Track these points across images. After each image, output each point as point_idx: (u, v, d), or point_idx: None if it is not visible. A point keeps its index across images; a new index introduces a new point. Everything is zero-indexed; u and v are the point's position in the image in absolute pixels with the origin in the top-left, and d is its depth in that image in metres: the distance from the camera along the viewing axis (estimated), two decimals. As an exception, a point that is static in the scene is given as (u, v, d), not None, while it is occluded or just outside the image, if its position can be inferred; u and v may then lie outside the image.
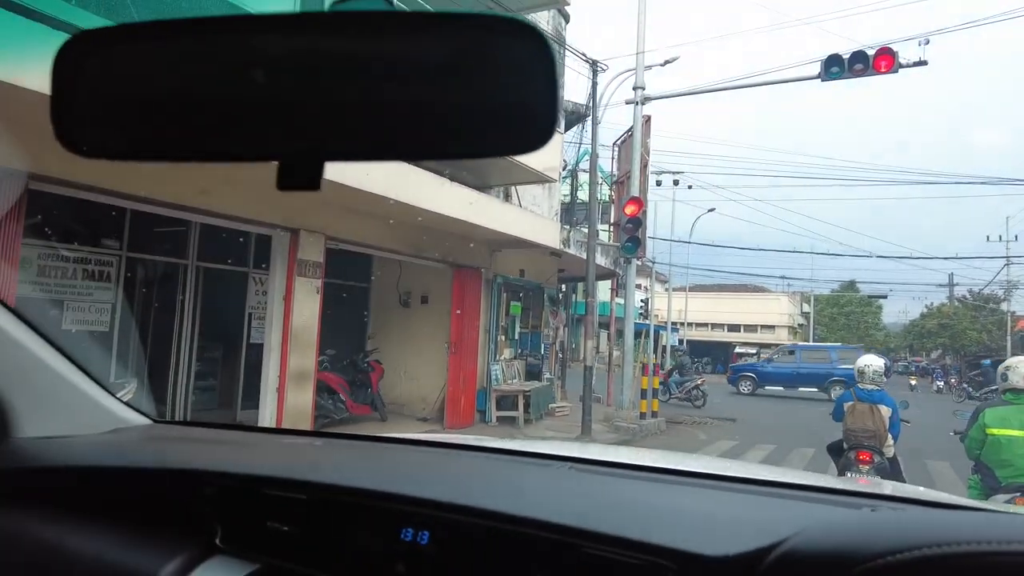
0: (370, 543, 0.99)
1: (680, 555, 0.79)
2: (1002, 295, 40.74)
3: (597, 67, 11.94)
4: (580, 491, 1.09)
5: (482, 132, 0.55)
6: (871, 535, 0.67)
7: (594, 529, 0.85)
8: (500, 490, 1.06)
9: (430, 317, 11.03)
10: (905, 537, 0.64)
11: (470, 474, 1.23)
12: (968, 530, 0.64)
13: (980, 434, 4.35)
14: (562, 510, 0.92)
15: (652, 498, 1.06)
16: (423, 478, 1.14)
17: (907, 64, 11.43)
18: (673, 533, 0.83)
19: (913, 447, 8.52)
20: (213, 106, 0.54)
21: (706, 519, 0.91)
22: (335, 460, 1.34)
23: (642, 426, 11.54)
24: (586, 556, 0.84)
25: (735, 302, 46.46)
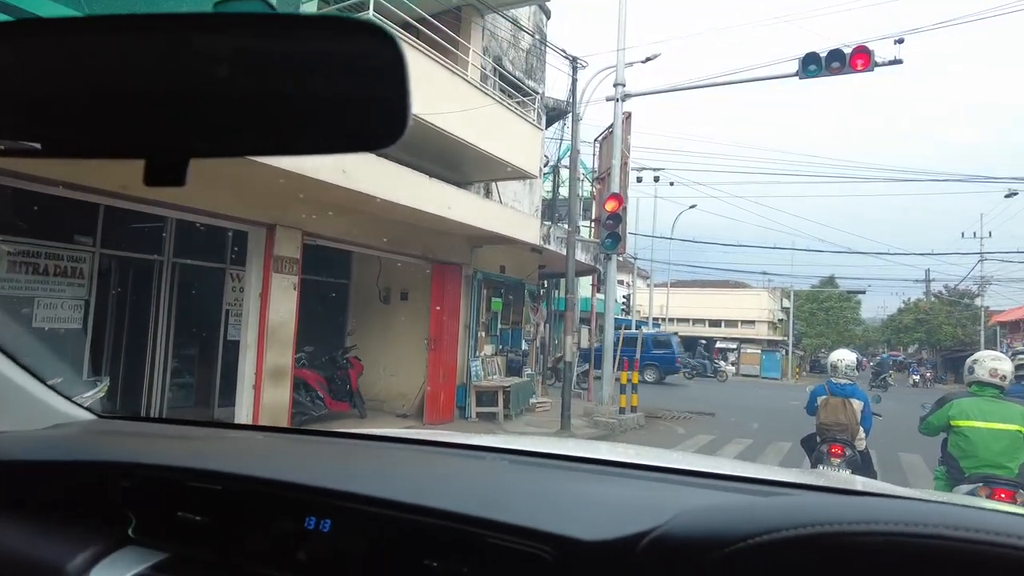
0: (276, 531, 1.02)
1: (558, 539, 0.82)
2: (976, 291, 41.44)
3: (577, 64, 11.94)
4: (490, 480, 1.13)
5: (339, 128, 0.57)
6: (744, 518, 0.68)
7: (476, 515, 0.89)
8: (404, 480, 1.09)
9: (410, 313, 11.00)
10: (774, 519, 0.65)
11: (381, 465, 1.25)
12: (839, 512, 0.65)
13: (941, 423, 4.43)
14: (456, 499, 0.96)
15: (555, 486, 1.09)
16: (332, 469, 1.17)
17: (883, 63, 11.57)
18: (557, 519, 0.86)
19: (887, 440, 8.66)
20: (81, 103, 0.55)
21: (595, 505, 0.94)
22: (256, 452, 1.36)
23: (621, 421, 11.61)
24: (479, 544, 0.88)
25: (716, 298, 46.86)
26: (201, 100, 0.54)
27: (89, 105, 0.55)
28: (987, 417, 4.24)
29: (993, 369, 4.38)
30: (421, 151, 9.88)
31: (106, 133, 0.57)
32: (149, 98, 0.54)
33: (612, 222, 12.21)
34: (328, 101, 0.55)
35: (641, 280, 39.10)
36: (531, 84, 13.61)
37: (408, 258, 10.21)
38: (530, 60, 14.04)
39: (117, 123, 0.56)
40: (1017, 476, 4.13)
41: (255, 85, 0.54)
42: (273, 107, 0.55)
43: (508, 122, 10.85)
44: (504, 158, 10.35)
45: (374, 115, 0.56)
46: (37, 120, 0.56)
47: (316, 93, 0.55)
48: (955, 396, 4.53)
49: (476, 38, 11.52)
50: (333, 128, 0.57)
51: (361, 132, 0.58)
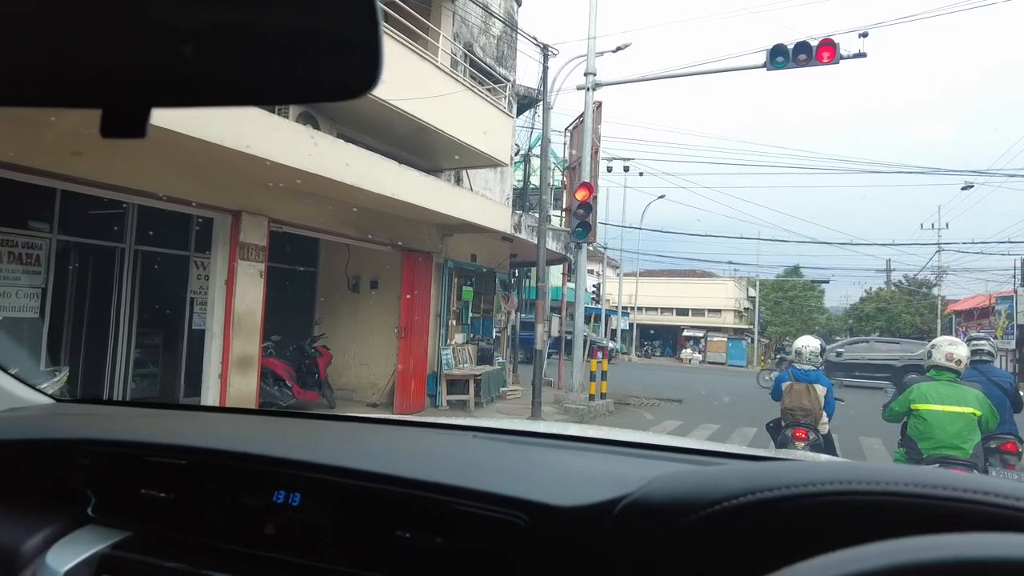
0: (244, 506, 1.01)
1: (532, 506, 0.83)
2: (934, 280, 42.67)
3: (548, 51, 11.90)
4: (459, 453, 1.13)
5: (307, 76, 0.55)
6: (712, 484, 0.70)
7: (449, 483, 0.89)
8: (374, 452, 1.08)
9: (380, 302, 10.91)
10: (746, 483, 0.67)
11: (350, 439, 1.25)
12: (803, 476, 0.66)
13: (903, 407, 4.56)
14: (427, 469, 0.95)
15: (527, 457, 1.09)
16: (301, 442, 1.15)
17: (848, 56, 11.75)
18: (530, 487, 0.87)
19: (848, 424, 8.88)
20: (31, 48, 0.52)
21: (567, 475, 0.95)
22: (222, 428, 1.34)
23: (591, 407, 11.72)
24: (452, 513, 0.88)
25: (684, 287, 47.45)
26: (160, 46, 0.51)
27: (39, 50, 0.51)
28: (944, 400, 4.38)
29: (949, 354, 4.51)
30: (390, 137, 9.77)
31: (59, 80, 0.53)
32: (103, 43, 0.51)
33: (582, 211, 12.25)
34: (294, 47, 0.53)
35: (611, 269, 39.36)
36: (502, 71, 13.53)
37: (378, 246, 10.12)
38: (501, 47, 13.95)
39: (70, 70, 0.53)
40: (971, 456, 4.27)
41: (217, 30, 0.51)
42: (236, 53, 0.52)
43: (479, 109, 10.78)
44: (475, 145, 10.30)
45: (344, 62, 0.54)
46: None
47: (281, 38, 0.52)
48: (915, 381, 4.65)
49: (446, 23, 11.40)
50: (300, 75, 0.55)
51: (330, 80, 0.56)
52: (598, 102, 14.49)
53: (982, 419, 4.34)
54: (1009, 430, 5.14)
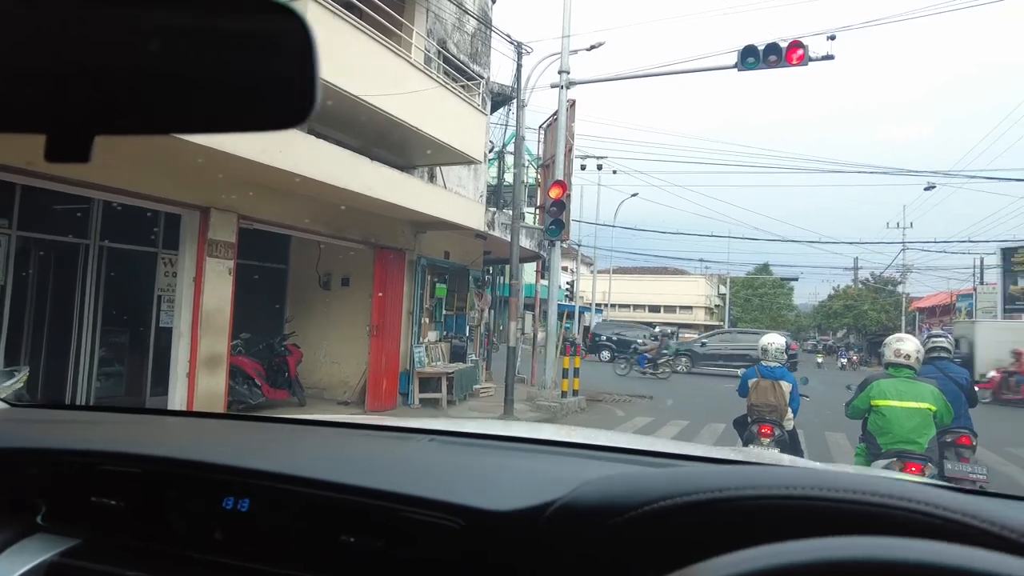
0: (193, 512, 1.02)
1: (467, 511, 0.86)
2: (899, 278, 43.70)
3: (522, 49, 11.92)
4: (407, 458, 1.16)
5: (245, 106, 0.56)
6: (641, 486, 0.72)
7: (388, 490, 0.92)
8: (320, 459, 1.10)
9: (351, 299, 10.85)
10: (668, 487, 0.69)
11: (299, 445, 1.26)
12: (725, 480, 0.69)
13: (864, 404, 4.66)
14: (370, 475, 0.98)
15: (470, 461, 1.12)
16: (250, 449, 1.17)
17: (816, 58, 11.96)
18: (467, 491, 0.90)
19: (815, 419, 9.08)
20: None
21: (505, 478, 0.98)
22: (174, 434, 1.35)
23: (563, 404, 11.79)
24: (394, 519, 0.90)
25: (656, 284, 47.94)
26: (102, 74, 0.52)
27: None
28: (902, 396, 4.49)
29: (897, 350, 4.64)
30: (363, 134, 9.70)
31: (2, 106, 0.54)
32: (47, 70, 0.52)
33: (556, 209, 12.30)
34: (234, 78, 0.54)
35: (585, 267, 39.57)
36: (476, 68, 13.51)
37: (349, 243, 10.05)
38: (475, 44, 13.93)
39: (15, 96, 0.53)
40: (927, 451, 4.40)
41: (159, 60, 0.53)
42: (176, 83, 0.54)
43: (452, 106, 10.75)
44: (448, 142, 10.27)
45: (281, 93, 0.56)
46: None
47: (221, 70, 0.54)
48: (875, 378, 4.76)
49: (420, 20, 11.35)
50: (238, 106, 0.56)
51: (267, 111, 0.57)
52: (572, 100, 14.55)
53: (937, 414, 4.44)
54: (964, 424, 5.30)
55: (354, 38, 8.54)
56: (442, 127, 10.13)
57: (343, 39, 8.34)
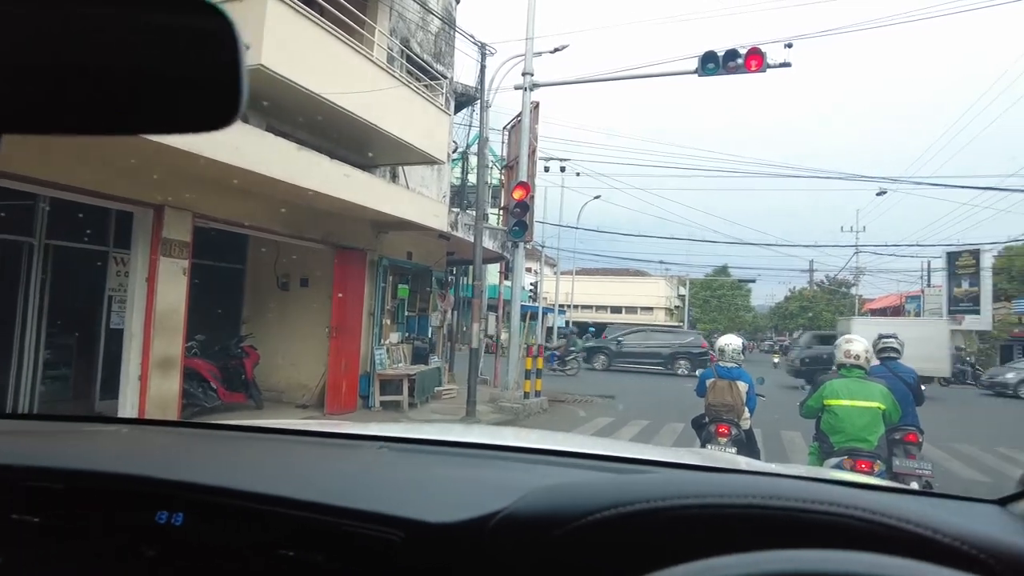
0: (124, 528, 0.99)
1: (407, 523, 0.84)
2: (852, 280, 45.01)
3: (486, 50, 11.91)
4: (351, 469, 1.13)
5: (167, 108, 0.54)
6: (584, 496, 0.71)
7: (328, 503, 0.90)
8: (260, 470, 1.07)
9: (310, 300, 10.67)
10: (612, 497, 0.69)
11: (241, 456, 1.23)
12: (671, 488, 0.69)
13: (817, 404, 4.77)
14: (309, 488, 0.95)
15: (417, 471, 1.10)
16: (186, 461, 1.14)
17: (774, 65, 12.23)
18: (409, 503, 0.88)
19: (771, 419, 9.27)
20: None
21: (451, 488, 0.96)
22: (106, 447, 1.29)
23: (525, 405, 11.81)
24: (334, 532, 0.88)
25: (618, 285, 48.45)
26: (12, 71, 0.50)
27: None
28: (853, 396, 4.63)
29: (846, 351, 4.78)
30: (324, 132, 9.57)
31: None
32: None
33: (520, 210, 12.32)
34: (155, 78, 0.52)
35: (548, 268, 39.74)
36: (439, 68, 13.45)
37: (308, 243, 9.89)
38: (439, 44, 13.87)
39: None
40: (876, 448, 4.54)
41: (75, 57, 0.50)
42: (94, 82, 0.51)
43: (415, 106, 10.68)
44: (410, 142, 10.20)
45: (205, 96, 0.54)
46: None
47: (142, 69, 0.52)
48: (828, 379, 4.88)
49: (383, 18, 11.25)
50: (159, 107, 0.54)
51: (190, 113, 0.55)
52: (536, 102, 14.59)
53: (886, 412, 4.57)
54: (911, 422, 5.48)
55: (315, 35, 8.42)
56: (405, 126, 10.06)
57: (303, 36, 8.22)
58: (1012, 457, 9.64)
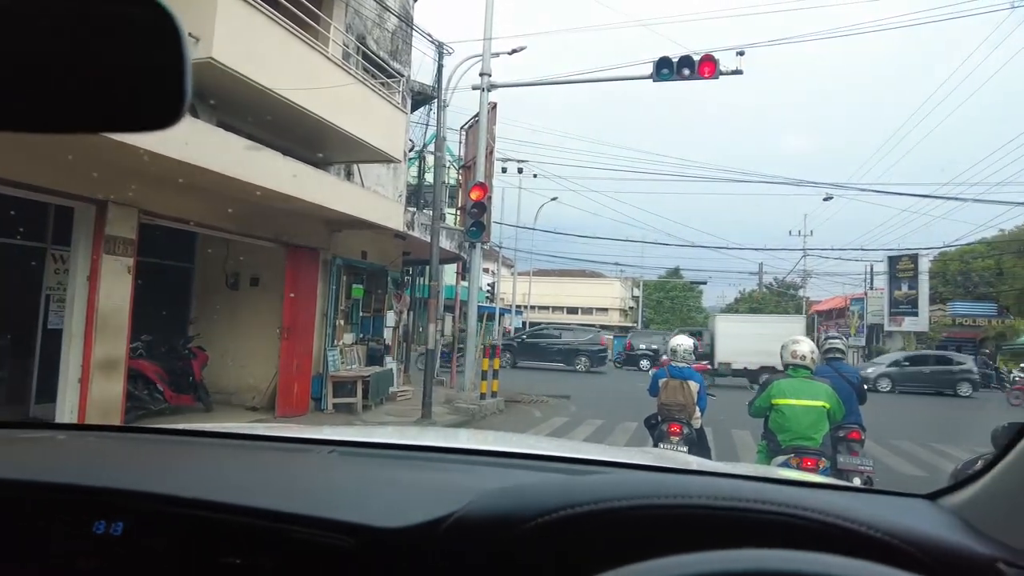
0: (58, 541, 0.94)
1: (356, 528, 0.82)
2: (800, 282, 46.39)
3: (443, 49, 11.85)
4: (300, 473, 1.11)
5: (108, 105, 0.52)
6: (529, 500, 0.71)
7: (272, 508, 0.88)
8: (203, 476, 1.04)
9: (261, 300, 10.43)
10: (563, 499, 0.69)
11: (182, 462, 1.19)
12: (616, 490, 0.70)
13: (765, 403, 4.87)
14: (255, 493, 0.93)
15: (366, 475, 1.09)
16: (126, 468, 1.10)
17: (726, 72, 12.52)
18: (358, 508, 0.87)
19: (721, 418, 9.48)
20: None
21: (402, 492, 0.95)
22: (38, 454, 1.23)
23: (481, 406, 11.79)
24: (282, 538, 0.86)
25: (574, 286, 48.88)
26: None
27: None
28: (799, 395, 4.75)
29: (793, 351, 4.91)
30: (277, 128, 9.37)
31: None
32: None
33: (477, 210, 12.30)
34: (94, 74, 0.50)
35: (505, 268, 39.81)
36: (396, 66, 13.33)
37: (260, 241, 9.66)
38: (396, 42, 13.74)
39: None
40: (821, 446, 4.67)
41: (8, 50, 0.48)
42: (29, 77, 0.49)
43: (371, 103, 10.56)
44: (366, 140, 10.07)
45: (148, 93, 0.52)
46: None
47: (80, 64, 0.50)
48: (775, 379, 5.00)
49: (339, 14, 11.08)
50: (100, 105, 0.52)
51: (132, 111, 0.53)
52: (493, 103, 14.60)
53: (831, 411, 4.70)
54: (855, 420, 5.67)
55: (268, 29, 8.24)
56: (360, 124, 9.93)
57: (256, 30, 8.04)
58: (945, 452, 10.08)
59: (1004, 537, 0.77)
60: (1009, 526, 0.78)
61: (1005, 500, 0.83)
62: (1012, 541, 0.76)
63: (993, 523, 0.80)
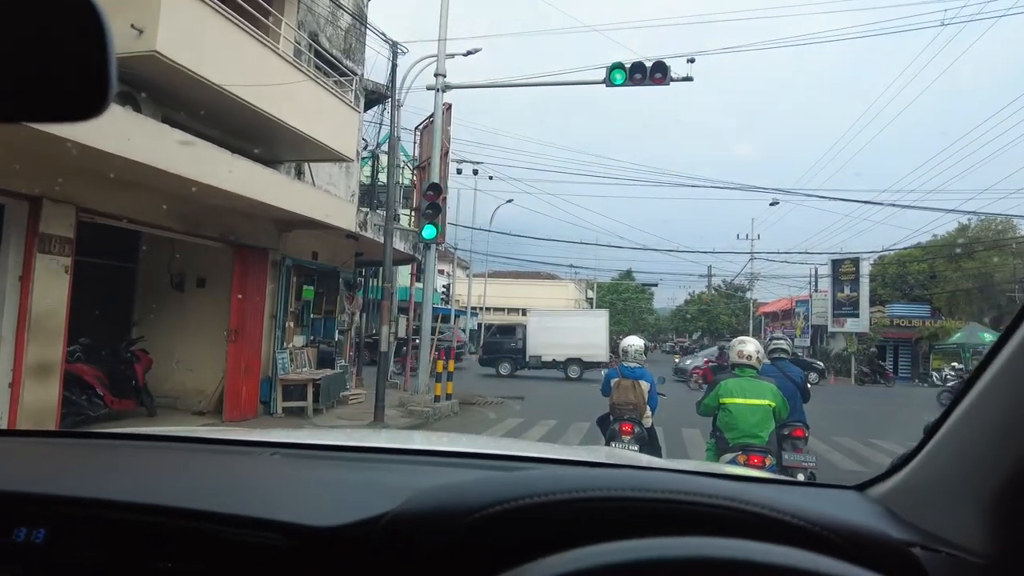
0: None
1: (290, 528, 0.82)
2: (747, 285, 47.61)
3: (398, 48, 11.75)
4: (227, 475, 1.09)
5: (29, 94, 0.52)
6: (472, 494, 0.72)
7: (202, 509, 0.86)
8: (131, 479, 1.02)
9: (208, 301, 10.14)
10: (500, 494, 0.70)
11: (109, 465, 1.17)
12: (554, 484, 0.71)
13: (714, 402, 4.95)
14: (185, 495, 0.91)
15: (303, 475, 1.07)
16: (49, 473, 1.06)
17: (677, 78, 12.77)
18: (292, 508, 0.86)
19: (672, 417, 9.63)
20: None
21: (338, 491, 0.94)
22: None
23: (436, 409, 11.71)
24: (215, 540, 0.85)
25: (529, 288, 49.07)
26: None
27: None
28: (746, 394, 4.85)
29: (739, 351, 5.03)
30: (225, 125, 9.14)
31: None
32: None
33: (431, 212, 12.21)
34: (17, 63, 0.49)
35: (461, 270, 39.69)
36: (349, 65, 13.14)
37: (206, 241, 9.39)
38: (349, 40, 13.56)
39: None
40: (767, 444, 4.79)
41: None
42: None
43: (323, 101, 10.38)
44: (317, 138, 9.90)
45: (72, 84, 0.51)
46: None
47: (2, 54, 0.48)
48: (723, 378, 5.10)
49: (291, 11, 10.87)
50: (21, 94, 0.51)
51: (56, 101, 0.52)
52: (448, 104, 14.55)
53: (776, 410, 4.80)
54: (799, 418, 5.85)
55: (216, 23, 8.02)
56: (311, 122, 9.76)
57: (203, 23, 7.81)
58: (883, 447, 10.49)
59: (920, 522, 0.82)
60: (925, 513, 0.83)
61: (922, 489, 0.88)
62: (927, 526, 0.80)
63: (912, 510, 0.85)
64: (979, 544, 0.73)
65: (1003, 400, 0.76)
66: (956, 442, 0.84)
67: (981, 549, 0.73)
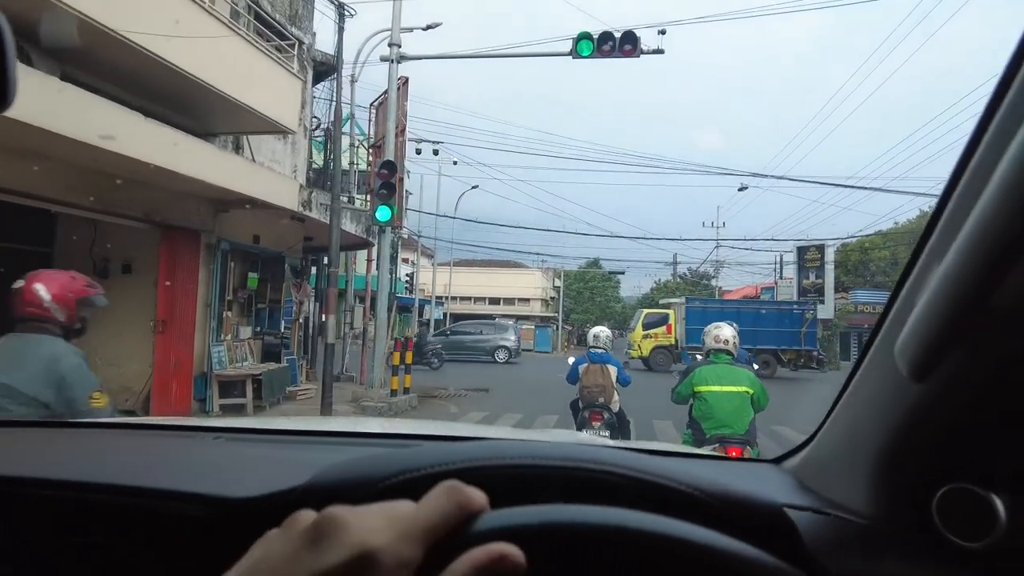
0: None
1: (208, 499, 0.86)
2: (713, 272, 47.67)
3: (345, 11, 10.81)
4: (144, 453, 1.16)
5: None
6: (380, 464, 0.73)
7: (120, 483, 0.91)
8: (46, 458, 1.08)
9: (134, 289, 9.11)
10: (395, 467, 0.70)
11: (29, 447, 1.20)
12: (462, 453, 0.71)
13: (688, 390, 4.72)
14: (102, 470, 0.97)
15: (221, 453, 1.16)
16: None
17: (648, 51, 12.12)
18: (211, 482, 0.90)
19: (642, 408, 9.04)
20: None
21: (256, 468, 0.98)
22: None
23: (392, 404, 10.90)
24: (136, 513, 0.88)
25: (495, 276, 48.43)
26: None
27: None
28: (722, 381, 4.60)
29: (716, 336, 4.84)
30: (147, 90, 8.16)
31: None
32: None
33: (385, 192, 11.34)
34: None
35: (426, 258, 38.76)
36: (295, 32, 12.14)
37: (129, 221, 8.40)
38: (295, 5, 12.55)
39: None
40: (746, 433, 4.50)
41: None
42: None
43: (262, 67, 9.45)
44: (254, 107, 8.96)
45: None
46: None
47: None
48: (698, 365, 4.88)
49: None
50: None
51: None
52: (405, 78, 13.69)
53: (754, 396, 4.56)
54: None
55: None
56: (245, 88, 8.81)
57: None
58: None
59: (823, 491, 0.88)
60: (826, 481, 0.89)
61: (823, 460, 0.94)
62: (830, 494, 0.85)
63: (815, 479, 0.92)
64: (864, 507, 0.78)
65: (880, 373, 0.78)
66: (847, 415, 0.88)
67: (864, 511, 0.77)
